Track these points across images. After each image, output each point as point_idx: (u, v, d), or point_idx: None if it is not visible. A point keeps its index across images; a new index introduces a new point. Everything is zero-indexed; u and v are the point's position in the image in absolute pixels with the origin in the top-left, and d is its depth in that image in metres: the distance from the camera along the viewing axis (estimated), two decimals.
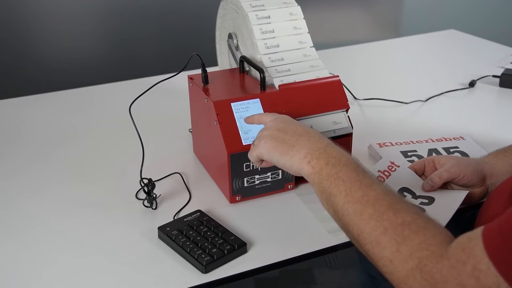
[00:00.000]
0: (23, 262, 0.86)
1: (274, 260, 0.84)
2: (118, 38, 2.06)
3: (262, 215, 0.96)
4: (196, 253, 0.83)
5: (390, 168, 0.97)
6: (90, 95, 1.54)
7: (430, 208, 0.88)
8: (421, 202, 0.90)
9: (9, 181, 1.10)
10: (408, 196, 0.92)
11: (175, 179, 1.07)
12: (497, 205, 0.79)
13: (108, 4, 2.01)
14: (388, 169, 0.97)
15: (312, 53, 1.08)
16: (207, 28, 1.60)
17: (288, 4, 1.11)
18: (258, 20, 1.07)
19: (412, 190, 0.93)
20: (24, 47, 1.95)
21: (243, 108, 0.97)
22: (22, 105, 1.47)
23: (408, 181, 0.94)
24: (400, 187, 0.93)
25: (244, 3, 1.09)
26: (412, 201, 0.90)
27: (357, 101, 1.42)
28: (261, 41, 1.06)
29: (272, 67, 1.04)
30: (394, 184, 0.94)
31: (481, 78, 1.53)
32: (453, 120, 1.31)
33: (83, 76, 2.02)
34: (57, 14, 1.95)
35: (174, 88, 1.31)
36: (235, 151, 0.94)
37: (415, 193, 0.92)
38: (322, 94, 1.02)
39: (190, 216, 0.92)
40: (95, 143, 1.25)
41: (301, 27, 1.10)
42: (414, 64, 1.75)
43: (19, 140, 1.27)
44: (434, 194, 0.91)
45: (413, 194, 0.92)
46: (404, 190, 0.93)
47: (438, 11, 2.58)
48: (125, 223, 0.95)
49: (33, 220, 0.97)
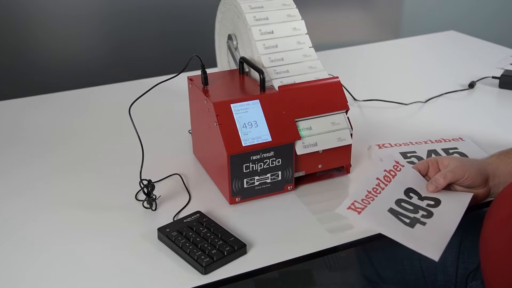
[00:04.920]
0: (21, 262, 0.86)
1: (274, 261, 0.84)
2: (118, 39, 2.06)
3: (261, 216, 0.96)
4: (195, 254, 0.83)
5: (396, 167, 0.96)
6: (90, 96, 1.54)
7: (437, 210, 0.88)
8: (428, 204, 0.90)
9: (9, 181, 1.10)
10: (414, 197, 0.91)
11: (174, 180, 1.07)
12: (505, 209, 0.78)
13: (108, 6, 2.01)
14: (394, 168, 0.96)
15: (312, 54, 1.08)
16: (206, 30, 1.60)
17: (287, 6, 1.11)
18: (257, 21, 1.07)
19: (418, 191, 0.93)
20: (24, 49, 1.95)
21: (243, 109, 0.97)
22: (22, 106, 1.47)
23: (413, 181, 0.94)
24: (406, 188, 0.93)
25: (243, 4, 1.09)
26: (419, 203, 0.90)
27: (357, 102, 1.42)
28: (260, 42, 1.06)
29: (272, 67, 1.04)
30: (400, 184, 0.93)
31: (480, 79, 1.54)
32: (453, 121, 1.31)
33: (83, 77, 2.02)
34: (56, 15, 1.95)
35: (173, 89, 1.31)
36: (235, 153, 0.94)
37: (421, 194, 0.92)
38: (321, 95, 1.03)
39: (190, 217, 0.92)
40: (94, 144, 1.25)
41: (300, 28, 1.10)
42: (413, 65, 1.75)
43: (19, 141, 1.27)
44: (439, 195, 0.91)
45: (419, 195, 0.92)
46: (410, 191, 0.93)
47: (438, 12, 2.58)
48: (125, 224, 0.95)
49: (33, 220, 0.96)
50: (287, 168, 0.99)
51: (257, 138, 0.96)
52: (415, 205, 0.90)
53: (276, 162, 0.98)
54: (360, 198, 0.88)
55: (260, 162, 0.96)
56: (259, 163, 0.96)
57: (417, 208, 0.89)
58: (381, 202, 0.89)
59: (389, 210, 0.87)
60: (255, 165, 0.96)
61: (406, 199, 0.91)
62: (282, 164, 0.98)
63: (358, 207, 0.86)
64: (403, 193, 0.92)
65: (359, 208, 0.86)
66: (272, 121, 0.98)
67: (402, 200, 0.90)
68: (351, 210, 0.86)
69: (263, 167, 0.97)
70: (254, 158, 0.96)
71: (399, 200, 0.90)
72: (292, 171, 1.00)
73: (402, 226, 0.84)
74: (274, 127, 0.97)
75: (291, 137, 0.98)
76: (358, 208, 0.86)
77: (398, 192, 0.92)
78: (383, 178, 0.93)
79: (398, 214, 0.87)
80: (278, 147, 0.97)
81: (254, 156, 0.96)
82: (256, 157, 0.96)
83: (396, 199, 0.90)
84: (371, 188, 0.91)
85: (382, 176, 0.94)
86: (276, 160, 0.97)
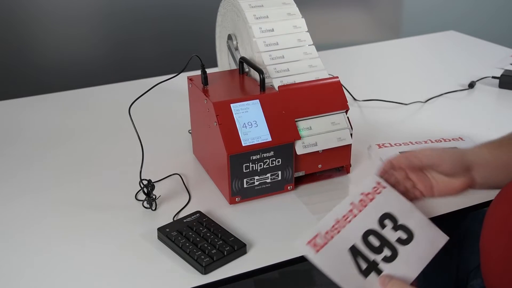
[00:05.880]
0: (20, 262, 0.86)
1: (274, 261, 0.84)
2: (117, 39, 2.06)
3: (261, 216, 0.96)
4: (195, 254, 0.83)
5: (375, 190, 0.88)
6: (90, 96, 1.54)
7: (405, 250, 0.82)
8: (399, 238, 0.83)
9: (9, 182, 1.10)
10: (388, 226, 0.83)
11: (174, 180, 1.07)
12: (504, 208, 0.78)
13: (108, 6, 2.01)
14: (373, 190, 0.88)
15: (312, 51, 1.08)
16: (206, 29, 1.60)
17: (287, 4, 1.12)
18: (257, 20, 1.07)
19: (396, 216, 0.85)
20: (23, 49, 1.95)
21: (243, 109, 0.97)
22: (22, 106, 1.47)
23: (393, 205, 0.87)
24: (383, 213, 0.85)
25: (243, 3, 1.09)
26: (390, 235, 0.82)
27: (357, 102, 1.42)
28: (260, 39, 1.06)
29: (272, 65, 1.04)
30: (377, 209, 0.86)
31: (480, 79, 1.54)
32: (453, 121, 1.31)
33: (82, 77, 2.02)
34: (56, 15, 1.95)
35: (173, 89, 1.31)
36: (234, 152, 0.94)
37: (397, 221, 0.85)
38: (321, 95, 1.03)
39: (190, 217, 0.92)
40: (94, 144, 1.25)
41: (300, 26, 1.10)
42: (413, 65, 1.75)
43: (19, 141, 1.27)
44: (415, 228, 0.85)
45: (395, 223, 0.85)
46: (386, 217, 0.84)
47: (438, 12, 2.58)
48: (125, 224, 0.95)
49: (32, 220, 0.96)
50: (287, 168, 0.99)
51: (257, 138, 0.96)
52: (384, 240, 0.83)
53: (276, 162, 0.98)
54: (325, 230, 0.81)
55: (260, 162, 0.96)
56: (259, 163, 0.96)
57: (383, 245, 0.82)
58: (345, 237, 0.82)
59: (350, 248, 0.80)
60: (255, 165, 0.96)
61: (376, 230, 0.83)
62: (282, 164, 0.98)
63: (318, 243, 0.79)
64: (376, 222, 0.84)
65: (318, 246, 0.79)
66: (272, 121, 0.98)
67: (371, 232, 0.83)
68: (310, 246, 0.79)
69: (263, 167, 0.97)
70: (254, 158, 0.96)
71: (368, 231, 0.83)
72: (292, 171, 1.00)
73: (355, 276, 0.79)
74: (274, 127, 0.97)
75: (291, 137, 0.98)
76: (317, 244, 0.79)
77: (371, 220, 0.84)
78: (358, 202, 0.86)
79: (358, 254, 0.80)
80: (278, 147, 0.97)
81: (254, 156, 0.96)
82: (256, 157, 0.96)
83: (365, 230, 0.82)
84: (341, 216, 0.83)
85: (358, 200, 0.86)
86: (276, 160, 0.98)
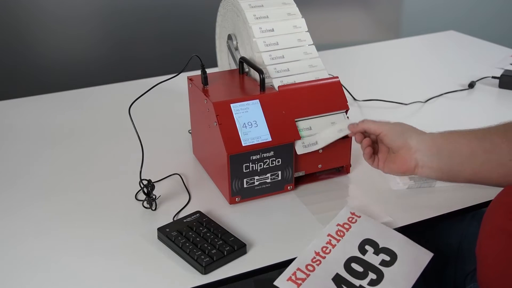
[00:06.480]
0: (21, 264, 0.86)
1: (274, 261, 0.84)
2: (117, 39, 2.06)
3: (261, 216, 0.96)
4: (195, 254, 0.83)
5: (351, 219, 0.90)
6: (90, 96, 1.54)
7: (389, 271, 0.82)
8: (382, 260, 0.83)
9: (7, 182, 1.10)
10: (370, 251, 0.84)
11: (174, 180, 1.07)
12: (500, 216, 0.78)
13: (108, 6, 2.01)
14: (348, 221, 0.90)
15: (313, 51, 1.08)
16: (206, 30, 1.60)
17: (287, 4, 1.12)
18: (257, 20, 1.07)
19: (376, 240, 0.86)
20: (23, 49, 1.95)
21: (243, 109, 0.97)
22: (21, 106, 1.47)
23: (371, 230, 0.88)
24: (362, 239, 0.86)
25: (242, 3, 1.09)
26: (372, 259, 0.83)
27: (357, 102, 1.42)
28: (260, 39, 1.06)
29: (272, 65, 1.04)
30: (356, 237, 0.87)
31: (480, 79, 1.54)
32: (453, 121, 1.31)
33: (82, 77, 2.02)
34: (56, 15, 1.95)
35: (173, 89, 1.31)
36: (234, 152, 0.94)
37: (378, 245, 0.85)
38: (321, 95, 1.03)
39: (190, 217, 0.92)
40: (94, 144, 1.25)
41: (300, 26, 1.10)
42: (413, 65, 1.75)
43: (19, 141, 1.27)
44: (397, 248, 0.85)
45: (376, 247, 0.85)
46: (367, 243, 0.86)
47: (438, 12, 2.58)
48: (125, 224, 0.95)
49: (32, 220, 0.96)
50: (287, 168, 0.99)
51: (257, 138, 0.96)
52: (367, 265, 0.82)
53: (276, 162, 0.98)
54: (305, 264, 0.81)
55: (260, 162, 0.96)
56: (259, 163, 0.96)
57: (368, 269, 0.82)
58: (327, 268, 0.81)
59: (334, 277, 0.80)
60: (255, 165, 0.96)
61: (358, 257, 0.84)
62: (282, 164, 0.98)
63: (299, 278, 0.79)
64: (357, 249, 0.85)
65: (300, 279, 0.79)
66: (272, 121, 0.98)
67: (353, 259, 0.83)
68: (291, 282, 0.78)
69: (263, 167, 0.97)
70: (254, 158, 0.96)
71: (350, 259, 0.83)
72: (292, 171, 1.00)
73: None
74: (274, 127, 0.97)
75: (291, 137, 0.98)
76: (298, 279, 0.79)
77: (351, 248, 0.85)
78: (336, 233, 0.87)
79: (342, 283, 0.80)
80: (278, 147, 0.97)
81: (254, 156, 0.96)
82: (256, 157, 0.96)
83: (347, 258, 0.83)
84: (320, 248, 0.84)
85: (335, 231, 0.87)
86: (276, 160, 0.97)
